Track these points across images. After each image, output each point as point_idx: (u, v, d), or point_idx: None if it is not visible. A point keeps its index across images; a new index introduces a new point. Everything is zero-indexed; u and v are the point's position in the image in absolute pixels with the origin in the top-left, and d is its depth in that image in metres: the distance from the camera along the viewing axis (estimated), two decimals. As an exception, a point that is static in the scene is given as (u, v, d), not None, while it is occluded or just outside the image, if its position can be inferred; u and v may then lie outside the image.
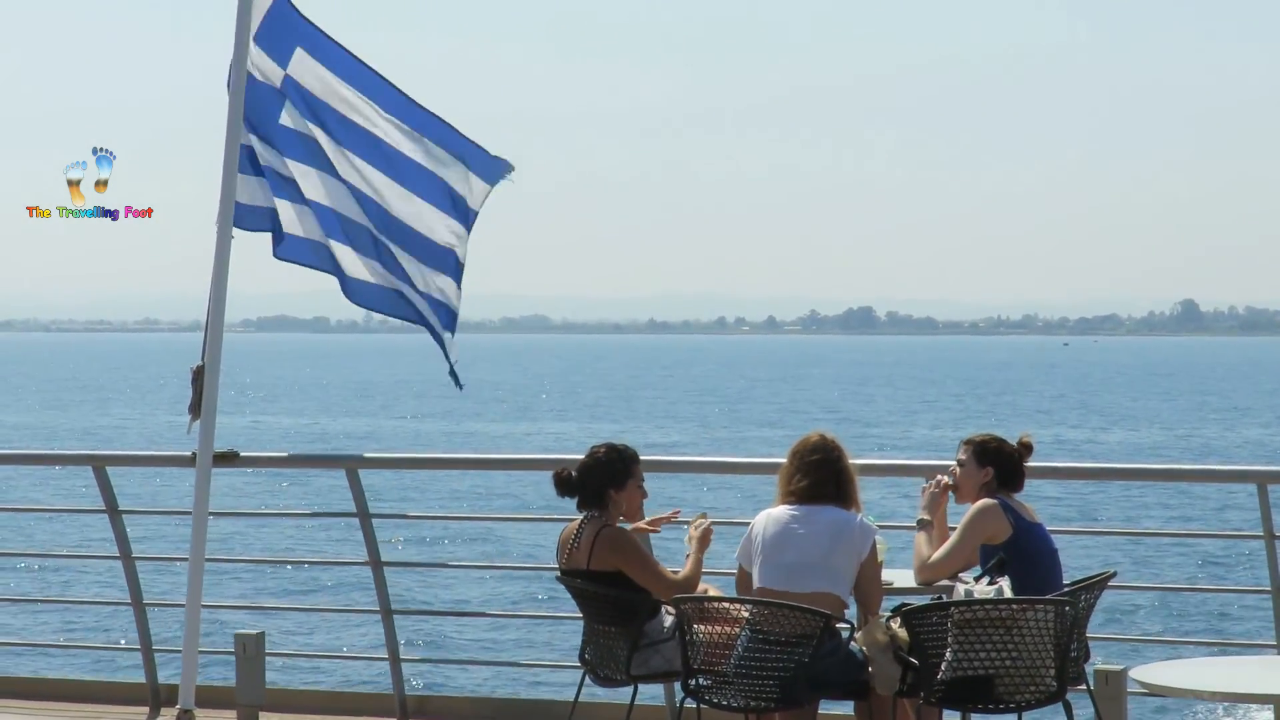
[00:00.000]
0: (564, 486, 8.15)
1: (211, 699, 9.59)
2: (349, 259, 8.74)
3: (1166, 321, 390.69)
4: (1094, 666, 8.22)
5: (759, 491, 8.31)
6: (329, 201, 8.68)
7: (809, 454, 7.78)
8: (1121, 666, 8.39)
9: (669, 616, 7.90)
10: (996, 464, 7.97)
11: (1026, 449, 8.05)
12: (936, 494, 8.12)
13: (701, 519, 8.28)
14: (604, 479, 8.09)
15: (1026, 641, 7.17)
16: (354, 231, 8.72)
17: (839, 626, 7.49)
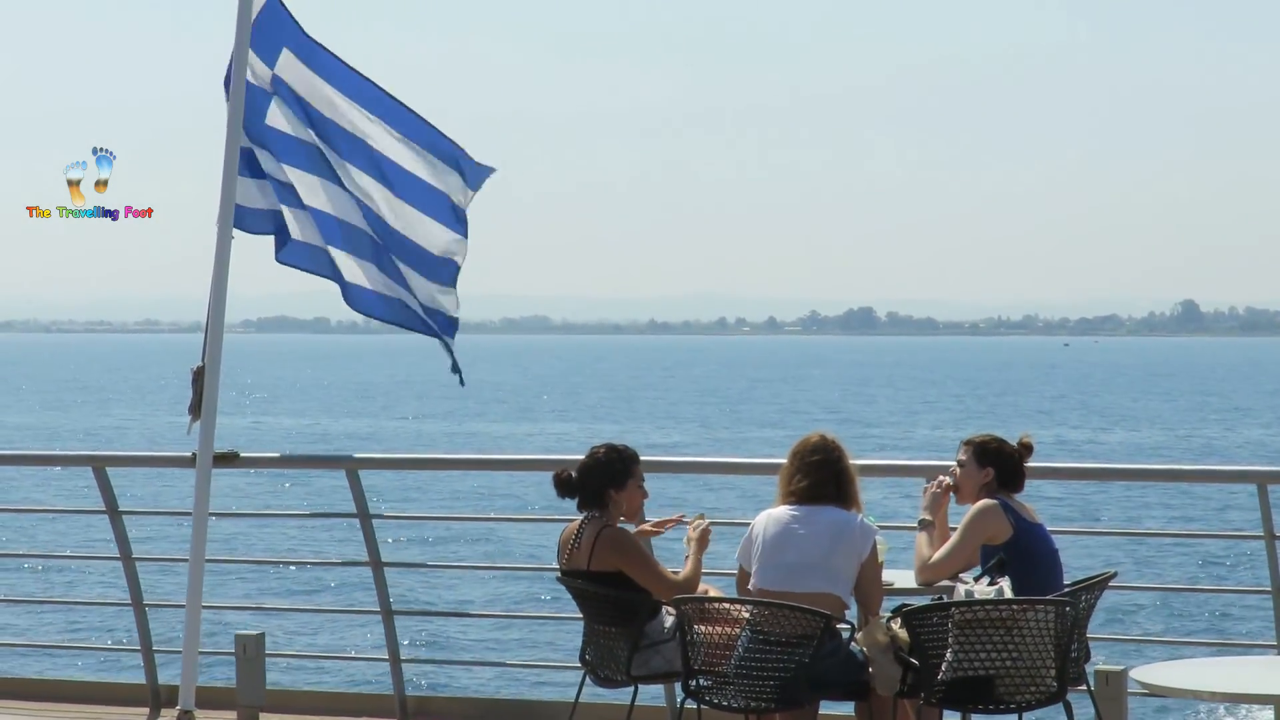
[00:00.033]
0: (564, 487, 8.15)
1: (212, 700, 9.59)
2: (348, 265, 8.74)
3: (1167, 322, 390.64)
4: (1094, 667, 8.22)
5: (760, 492, 8.34)
6: (328, 208, 8.67)
7: (809, 454, 7.78)
8: (1122, 667, 8.39)
9: (669, 617, 7.89)
10: (997, 464, 7.97)
11: (1027, 449, 8.05)
12: (938, 494, 8.12)
13: (700, 520, 8.28)
14: (604, 479, 8.09)
15: (1027, 642, 7.17)
16: (354, 237, 8.71)
17: (839, 627, 7.49)
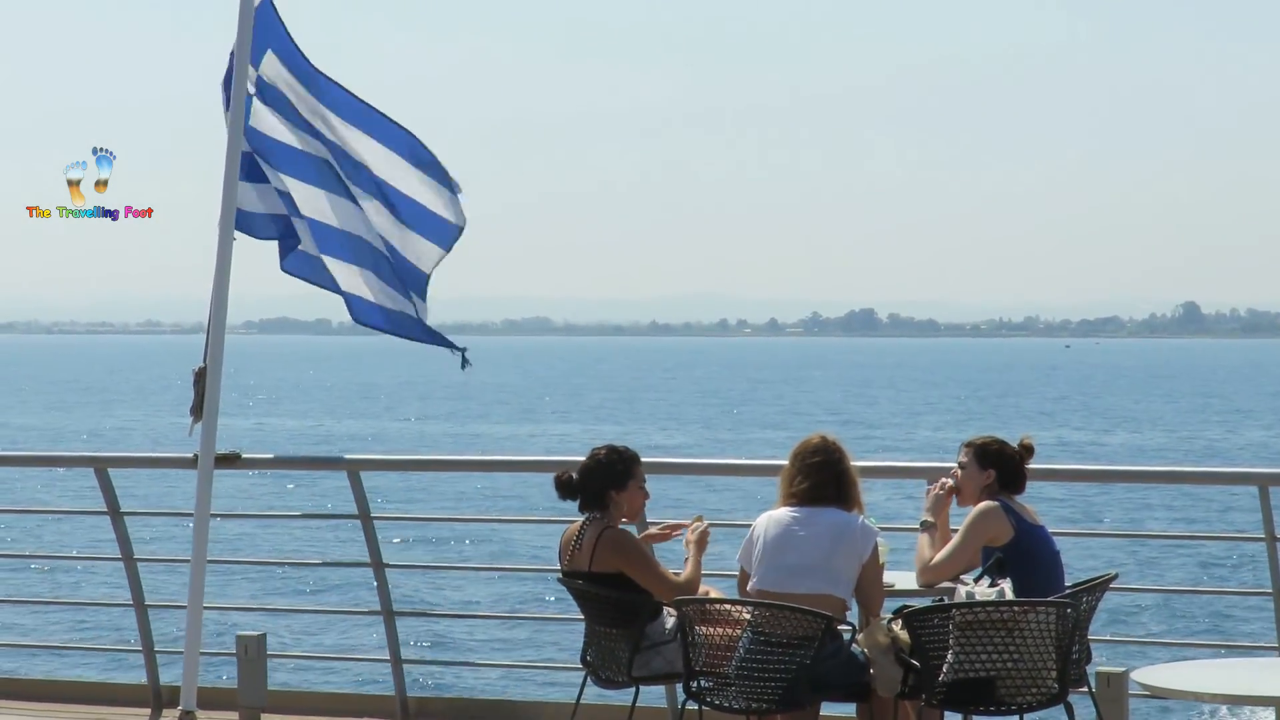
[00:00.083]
0: (565, 489, 8.15)
1: (213, 700, 9.59)
2: (348, 276, 8.69)
3: (1168, 324, 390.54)
4: (1095, 668, 8.22)
5: (762, 493, 8.32)
6: (328, 218, 8.63)
7: (810, 456, 7.78)
8: (1123, 668, 8.39)
9: (670, 618, 7.89)
10: (998, 466, 7.97)
11: (1028, 451, 8.04)
12: (940, 496, 8.12)
13: (698, 522, 8.28)
14: (605, 480, 8.08)
15: (1028, 643, 7.17)
16: (356, 247, 8.66)
17: (841, 628, 7.48)
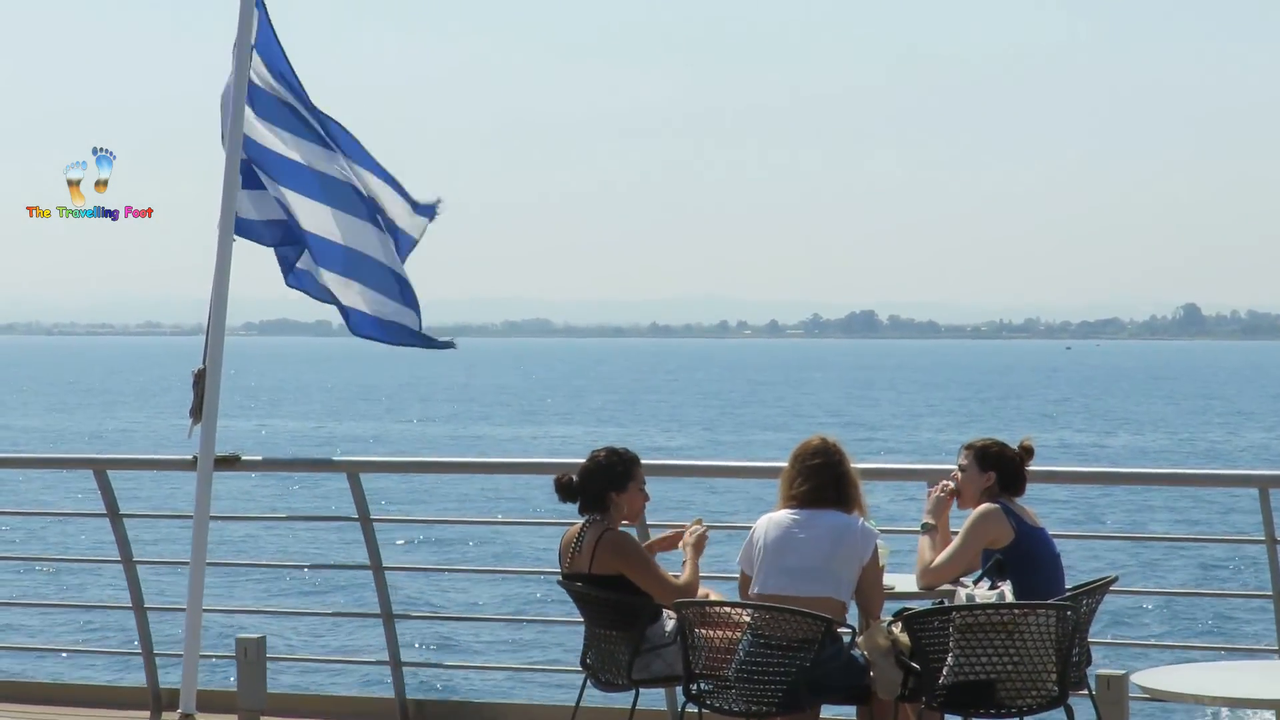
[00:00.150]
0: (565, 491, 8.14)
1: (213, 703, 9.58)
2: (342, 288, 8.66)
3: (1169, 325, 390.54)
4: (1096, 671, 8.21)
5: (765, 495, 8.30)
6: (324, 232, 8.60)
7: (810, 458, 7.77)
8: (1123, 671, 8.38)
9: (670, 621, 7.89)
10: (998, 468, 7.96)
11: (1028, 453, 8.04)
12: (941, 498, 8.11)
13: (697, 525, 8.27)
14: (605, 482, 8.08)
15: (1028, 646, 7.16)
16: (354, 260, 8.62)
17: (841, 631, 7.47)
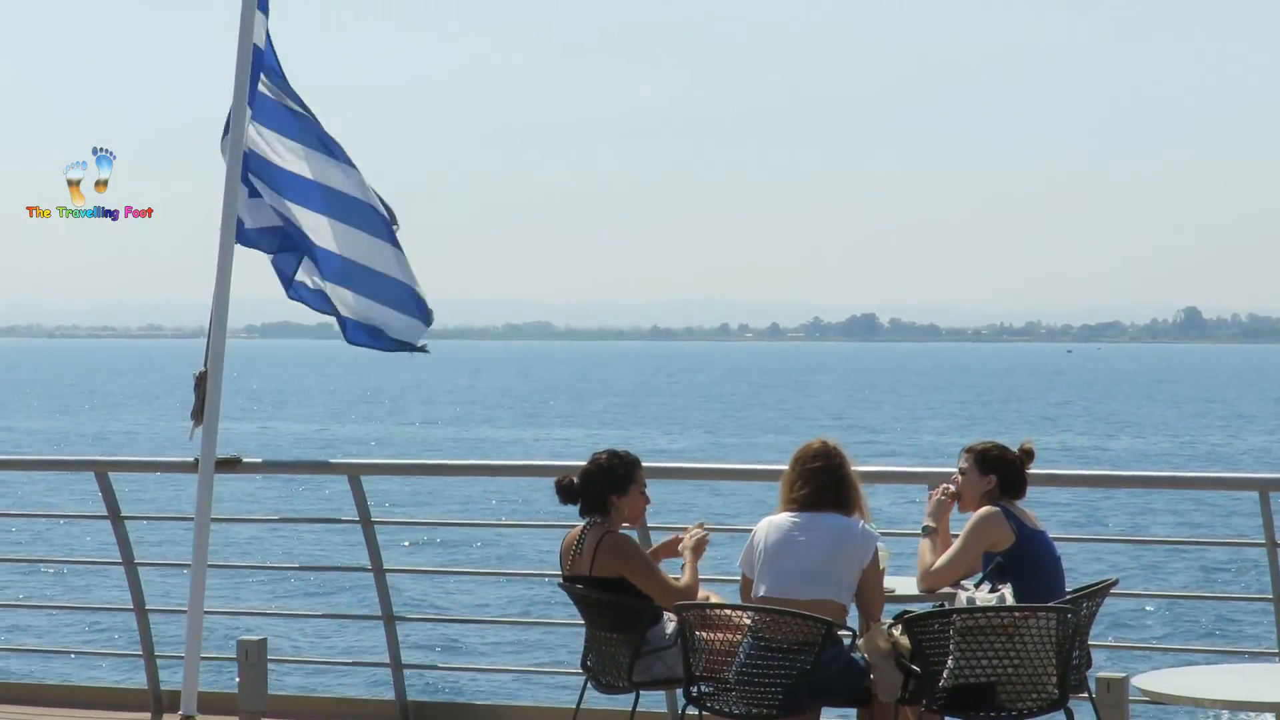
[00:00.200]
0: (566, 494, 8.15)
1: (214, 705, 9.58)
2: (341, 299, 8.65)
3: (1170, 329, 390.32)
4: (1096, 674, 8.21)
5: (768, 498, 8.29)
6: (331, 245, 8.58)
7: (810, 461, 7.77)
8: (1124, 674, 8.39)
9: (671, 623, 7.89)
10: (998, 471, 7.96)
11: (1028, 456, 8.04)
12: (942, 501, 8.11)
13: (697, 529, 8.27)
14: (606, 485, 8.09)
15: (1028, 649, 7.16)
16: (357, 273, 8.62)
17: (841, 634, 7.48)
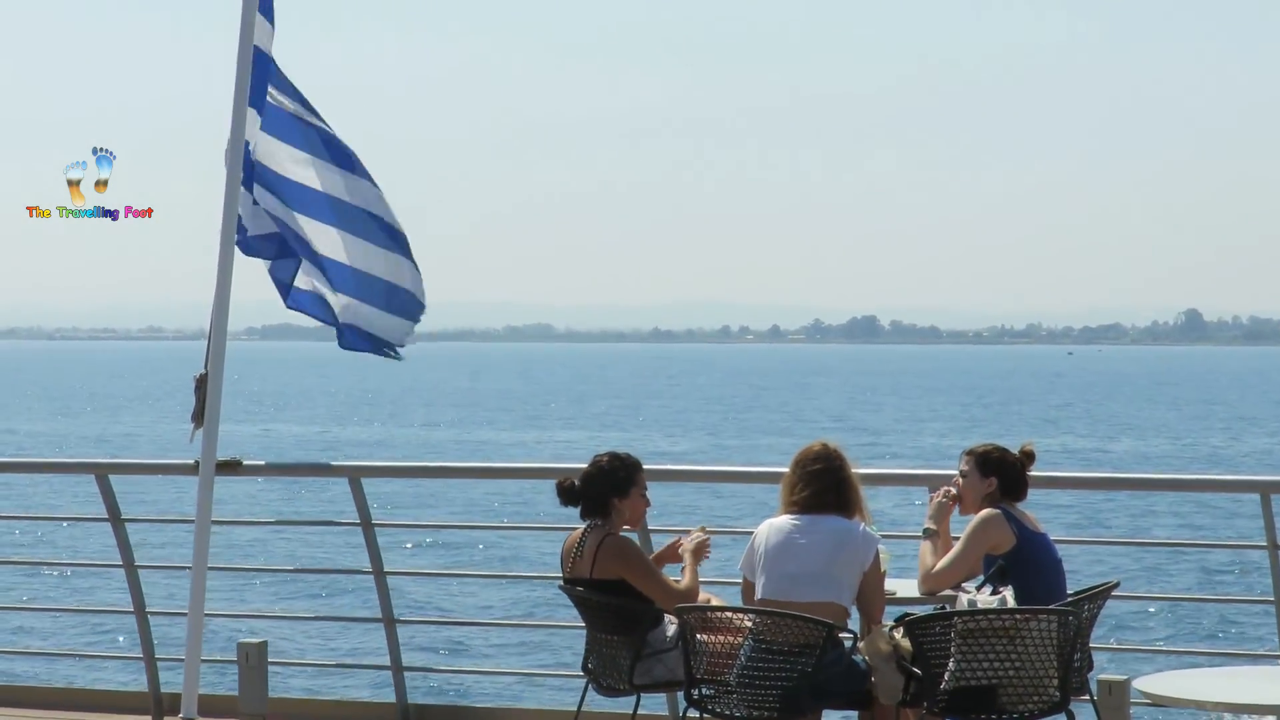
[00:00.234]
0: (567, 496, 8.14)
1: (214, 708, 9.56)
2: (342, 306, 8.63)
3: (1170, 331, 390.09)
4: (1097, 676, 8.20)
5: (770, 500, 8.29)
6: (331, 254, 8.56)
7: (811, 463, 7.76)
8: (1125, 676, 8.37)
9: (672, 626, 7.88)
10: (999, 474, 7.95)
11: (1029, 458, 8.02)
12: (943, 504, 8.10)
13: (697, 534, 8.25)
14: (607, 487, 8.08)
15: (1029, 651, 7.16)
16: (358, 280, 8.60)
17: (842, 636, 7.47)
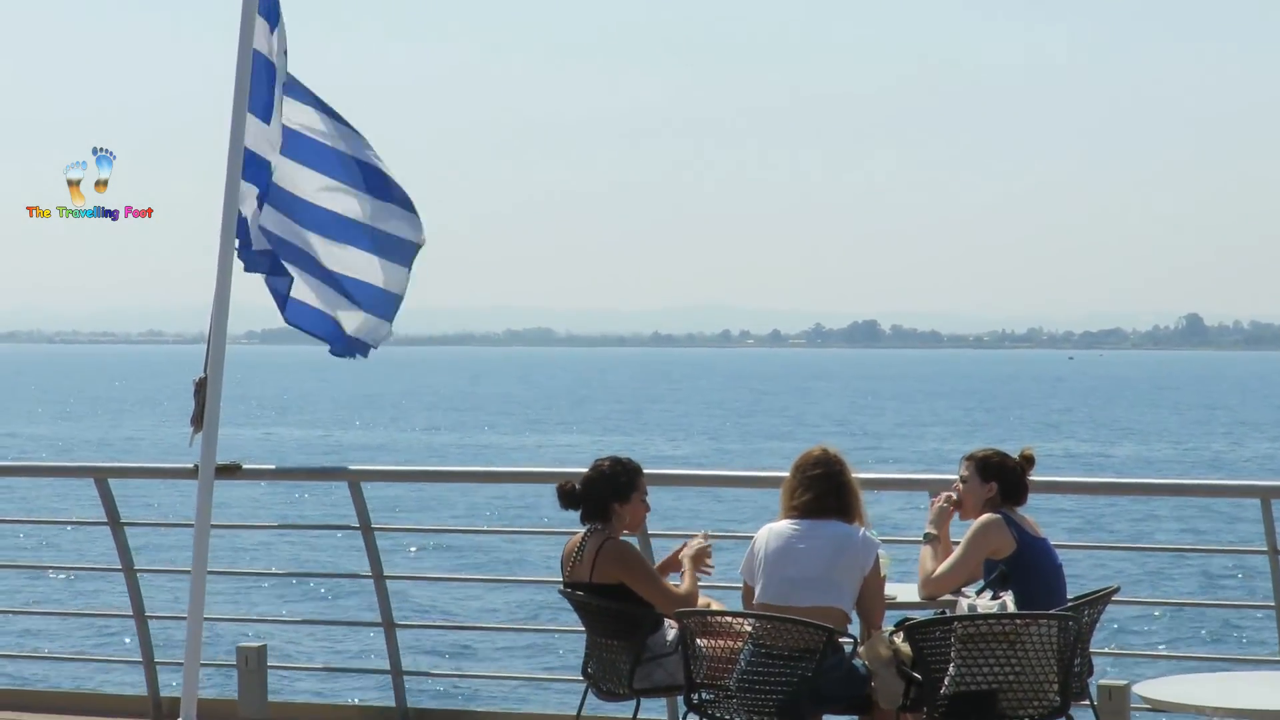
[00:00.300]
0: (567, 499, 8.14)
1: (214, 712, 9.55)
2: (347, 317, 8.59)
3: (1171, 335, 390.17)
4: (1098, 681, 8.20)
5: (772, 504, 8.29)
6: (341, 269, 8.51)
7: (811, 468, 7.76)
8: (1125, 681, 8.37)
9: (672, 630, 7.88)
10: (999, 479, 7.94)
11: (1029, 462, 8.02)
12: (944, 509, 8.10)
13: (698, 540, 8.24)
14: (608, 492, 8.08)
15: (1030, 656, 7.15)
16: (357, 289, 8.55)
17: (842, 641, 7.47)
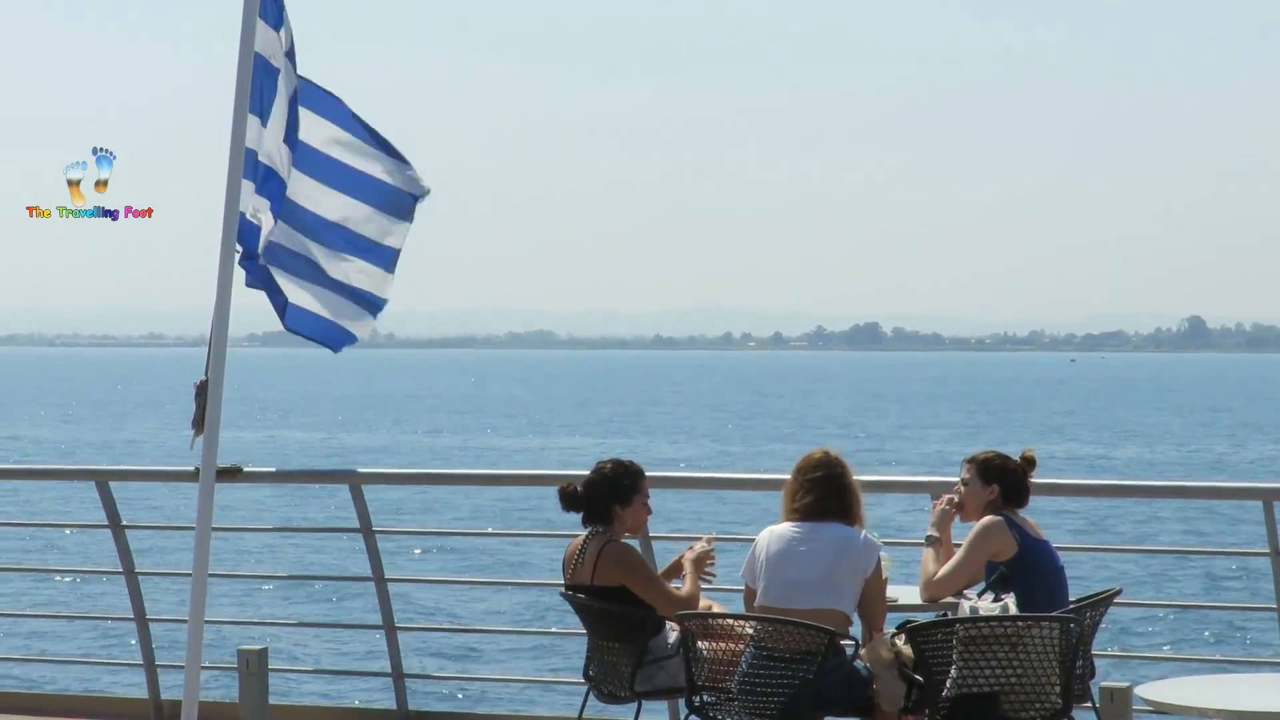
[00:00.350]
0: (569, 501, 8.14)
1: (215, 715, 9.55)
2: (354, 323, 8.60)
3: (1173, 338, 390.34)
4: (1100, 683, 8.18)
5: (775, 507, 8.29)
6: (345, 279, 8.50)
7: (812, 471, 7.75)
8: (1127, 684, 8.35)
9: (673, 633, 7.87)
10: (1000, 481, 7.94)
11: (1030, 464, 8.02)
12: (945, 511, 8.10)
13: (702, 544, 8.23)
14: (610, 494, 8.07)
15: (1031, 659, 7.14)
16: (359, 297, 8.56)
17: (844, 643, 7.46)
